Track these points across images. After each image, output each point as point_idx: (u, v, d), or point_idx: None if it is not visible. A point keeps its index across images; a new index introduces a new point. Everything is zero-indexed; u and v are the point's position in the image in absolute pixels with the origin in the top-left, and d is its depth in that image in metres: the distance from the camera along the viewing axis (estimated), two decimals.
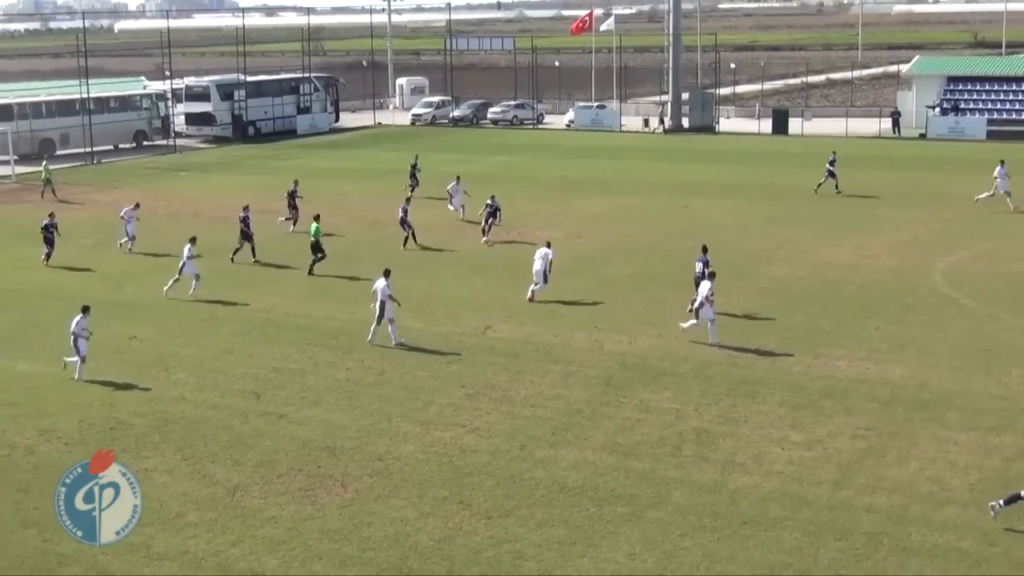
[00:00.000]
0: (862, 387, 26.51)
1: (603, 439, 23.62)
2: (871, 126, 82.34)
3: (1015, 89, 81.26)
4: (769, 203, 51.91)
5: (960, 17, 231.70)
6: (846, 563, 18.17)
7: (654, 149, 76.14)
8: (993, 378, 27.01)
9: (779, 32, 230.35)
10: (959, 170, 61.03)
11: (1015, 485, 20.82)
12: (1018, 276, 37.15)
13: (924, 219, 47.31)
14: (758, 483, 21.27)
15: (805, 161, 66.03)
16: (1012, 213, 47.79)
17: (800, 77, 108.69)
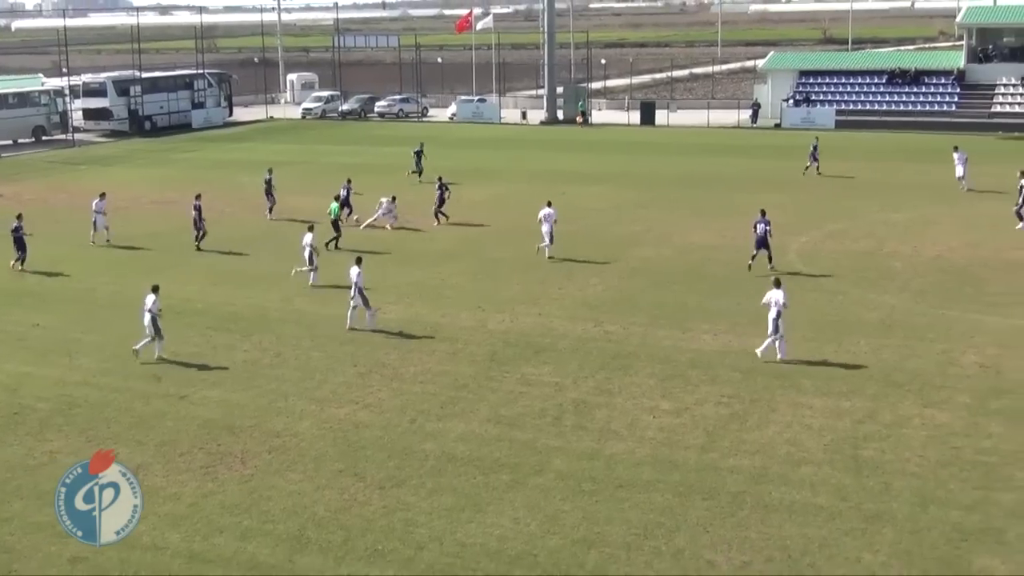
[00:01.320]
0: (726, 358, 26.97)
1: (488, 412, 23.69)
2: (731, 117, 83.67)
3: (861, 82, 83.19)
4: (638, 189, 52.47)
5: (811, 15, 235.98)
6: (713, 521, 18.49)
7: (532, 140, 76.39)
8: (843, 348, 27.68)
9: (646, 30, 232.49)
10: (794, 154, 62.25)
11: (864, 445, 21.43)
12: (864, 254, 38.10)
13: (779, 202, 48.11)
14: (632, 449, 21.53)
15: (671, 150, 66.94)
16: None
17: (666, 72, 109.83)
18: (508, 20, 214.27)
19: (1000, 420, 22.65)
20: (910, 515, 18.57)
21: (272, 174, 48.07)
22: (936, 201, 47.63)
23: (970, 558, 17.17)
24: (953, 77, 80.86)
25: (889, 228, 42.19)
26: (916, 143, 67.68)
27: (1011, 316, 30.24)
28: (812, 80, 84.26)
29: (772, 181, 54.15)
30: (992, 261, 36.58)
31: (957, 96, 79.72)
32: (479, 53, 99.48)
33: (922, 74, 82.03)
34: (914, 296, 32.52)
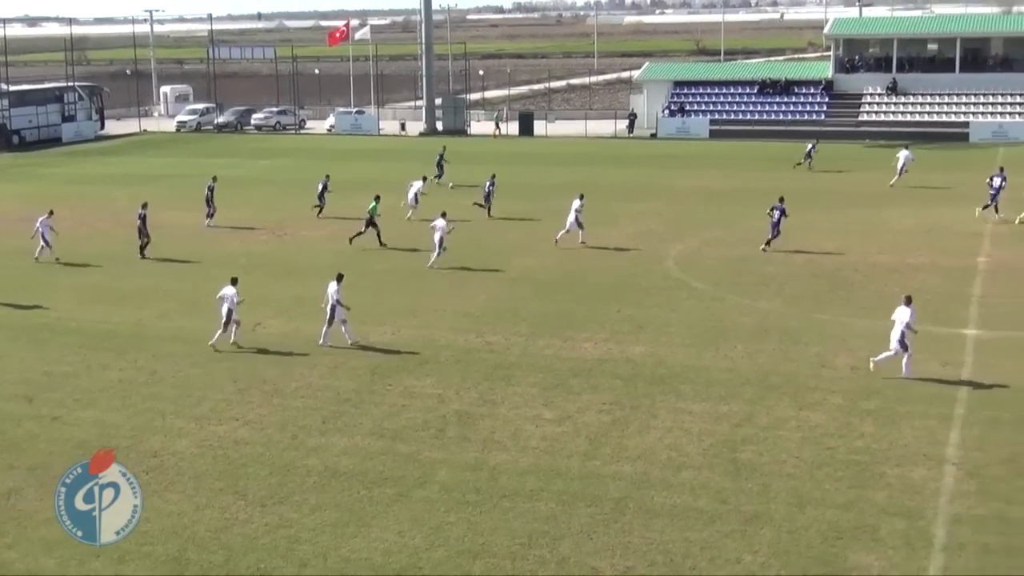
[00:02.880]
0: (606, 366, 27.23)
1: (371, 425, 23.54)
2: (608, 127, 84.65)
3: (734, 92, 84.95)
4: (517, 200, 52.64)
5: (684, 27, 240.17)
6: (596, 528, 18.63)
7: (410, 151, 76.21)
8: (721, 352, 28.17)
9: (523, 41, 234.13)
10: (686, 166, 63.42)
11: (742, 448, 21.82)
12: (739, 260, 38.84)
13: (657, 211, 48.90)
14: (515, 459, 21.59)
15: (550, 160, 67.42)
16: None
17: (543, 83, 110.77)
18: (386, 31, 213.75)
19: (871, 420, 23.27)
20: (788, 515, 18.96)
21: (215, 181, 47.66)
22: (807, 207, 48.70)
23: (845, 555, 17.59)
24: (822, 87, 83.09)
25: (763, 235, 43.00)
26: (787, 152, 69.18)
27: (880, 318, 30.99)
28: (686, 90, 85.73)
29: (650, 190, 54.90)
30: (861, 265, 37.60)
31: (826, 105, 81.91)
32: (357, 64, 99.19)
33: (792, 84, 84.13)
34: (788, 301, 33.24)
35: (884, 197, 50.00)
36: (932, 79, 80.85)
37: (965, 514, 18.88)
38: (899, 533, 18.23)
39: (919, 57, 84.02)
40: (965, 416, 23.42)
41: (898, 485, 20.08)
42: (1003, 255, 38.80)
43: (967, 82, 79.77)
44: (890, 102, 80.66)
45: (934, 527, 18.45)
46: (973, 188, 53.10)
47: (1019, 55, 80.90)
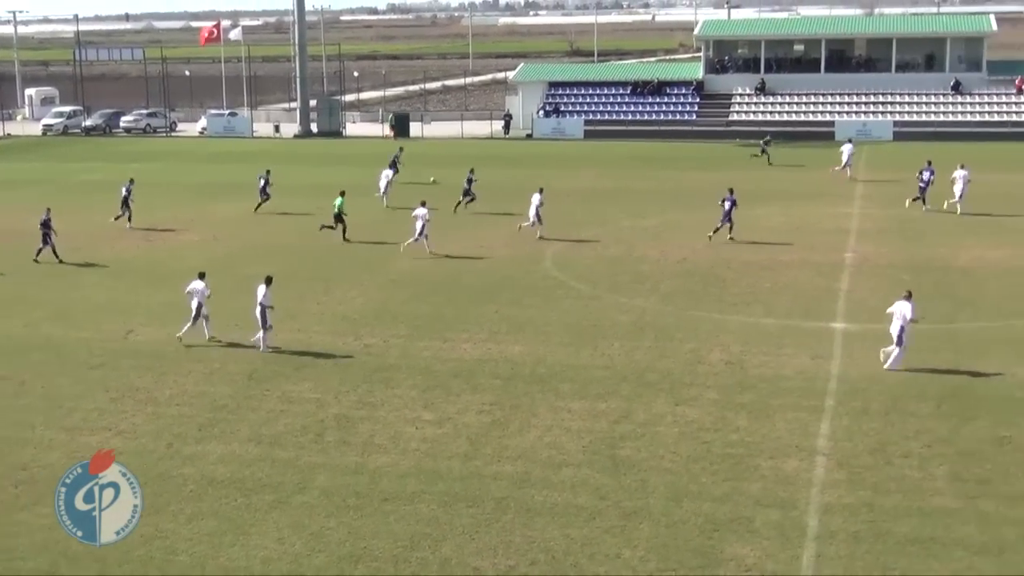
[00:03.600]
0: (486, 366, 27.29)
1: (248, 432, 23.21)
2: (484, 128, 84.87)
3: (607, 93, 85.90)
4: (392, 200, 52.42)
5: (558, 28, 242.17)
6: (478, 528, 18.66)
7: (286, 153, 75.42)
8: (599, 351, 28.45)
9: (398, 42, 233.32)
10: (562, 166, 63.88)
11: (621, 444, 22.07)
12: (616, 260, 39.28)
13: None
14: (396, 461, 21.50)
15: (427, 161, 67.18)
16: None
17: (419, 84, 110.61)
18: (258, 32, 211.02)
19: (745, 414, 23.74)
20: (665, 510, 19.23)
21: (133, 184, 47.14)
22: (680, 207, 49.58)
23: (722, 547, 17.91)
24: (693, 87, 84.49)
25: (638, 234, 43.64)
26: (660, 151, 70.28)
27: (752, 315, 31.77)
28: (561, 91, 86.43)
29: (526, 190, 55.01)
30: (733, 263, 38.33)
31: (697, 105, 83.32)
32: (229, 66, 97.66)
33: (664, 85, 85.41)
34: (663, 299, 33.72)
35: (755, 195, 50.89)
36: (799, 79, 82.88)
37: (836, 503, 19.38)
38: (773, 524, 18.64)
39: (786, 58, 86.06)
40: (835, 408, 24.04)
41: (772, 477, 20.52)
42: (868, 250, 39.93)
43: (832, 82, 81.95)
44: (759, 102, 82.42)
45: (807, 517, 18.91)
46: (838, 186, 54.60)
47: (881, 56, 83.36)
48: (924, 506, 19.20)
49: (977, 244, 40.50)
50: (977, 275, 35.94)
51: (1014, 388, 24.98)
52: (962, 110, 78.85)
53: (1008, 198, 50.15)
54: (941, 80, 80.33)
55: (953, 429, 22.65)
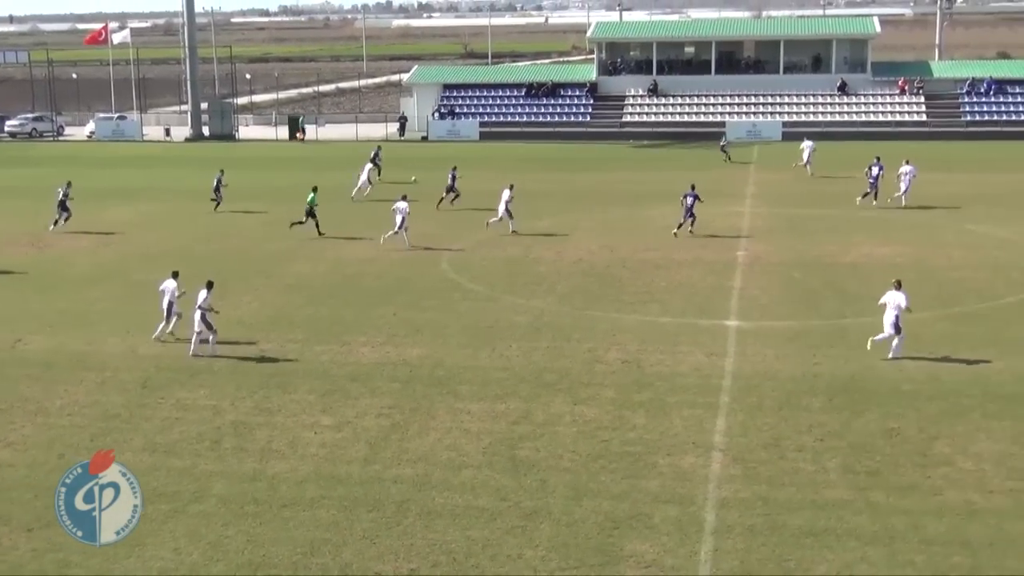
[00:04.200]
0: (384, 369, 27.15)
1: (142, 441, 22.77)
2: (379, 130, 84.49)
3: (502, 95, 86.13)
4: (288, 204, 51.95)
5: (452, 31, 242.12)
6: (379, 532, 18.55)
7: (177, 157, 74.27)
8: (497, 352, 28.49)
9: (291, 44, 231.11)
10: (458, 168, 63.70)
11: (520, 445, 22.12)
12: (512, 261, 39.39)
13: (430, 213, 49.04)
14: (295, 467, 21.29)
15: (321, 164, 66.81)
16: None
17: (312, 86, 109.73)
18: (147, 34, 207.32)
19: (643, 412, 23.98)
20: (565, 509, 19.33)
21: (70, 187, 46.38)
22: (576, 207, 49.90)
23: (622, 544, 18.05)
24: (586, 89, 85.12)
25: (534, 235, 43.77)
26: (555, 152, 70.66)
27: (648, 313, 32.10)
28: (456, 93, 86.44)
29: (423, 192, 54.97)
30: (629, 262, 38.71)
31: (591, 107, 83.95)
32: (118, 68, 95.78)
33: (558, 87, 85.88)
34: (560, 299, 33.91)
35: (648, 196, 51.45)
36: (690, 81, 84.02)
37: (732, 498, 19.67)
38: (672, 520, 18.84)
39: (677, 60, 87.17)
40: (730, 404, 24.40)
41: (670, 473, 20.75)
42: (759, 249, 40.61)
43: (722, 83, 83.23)
44: (651, 103, 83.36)
45: (704, 512, 19.16)
46: (729, 185, 55.43)
47: (770, 58, 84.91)
48: (817, 498, 19.58)
49: (865, 241, 41.45)
50: (865, 271, 36.78)
51: (901, 382, 25.61)
52: (848, 110, 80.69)
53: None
54: (827, 81, 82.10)
55: (844, 423, 23.14)
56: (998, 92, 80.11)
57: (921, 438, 22.21)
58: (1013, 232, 42.50)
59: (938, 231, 43.23)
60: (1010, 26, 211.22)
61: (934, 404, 24.09)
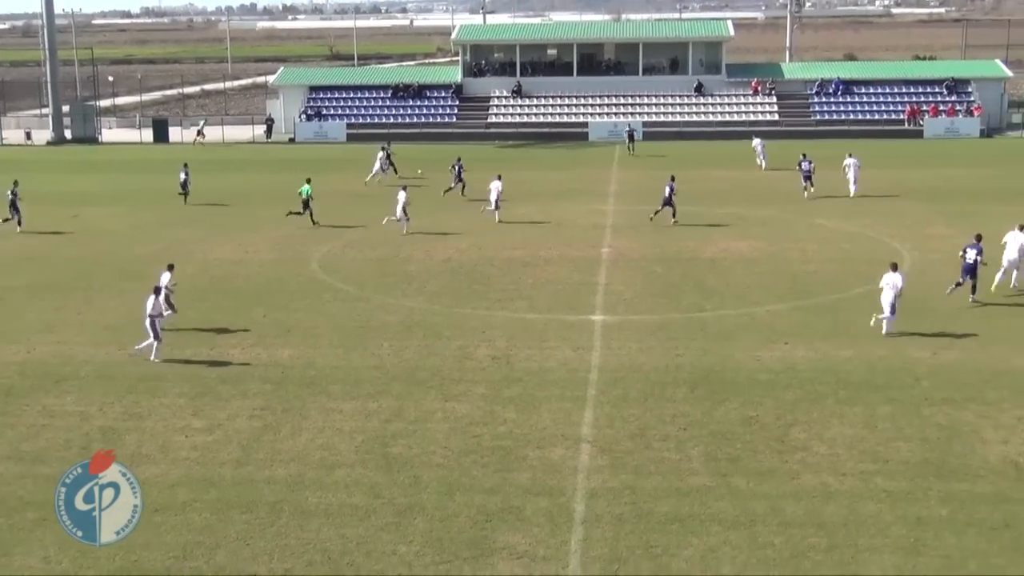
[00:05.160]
0: (255, 371, 26.79)
1: (7, 449, 22.06)
2: (246, 132, 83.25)
3: (369, 96, 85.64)
4: (156, 208, 50.97)
5: (317, 33, 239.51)
6: (252, 533, 18.31)
7: (38, 161, 72.08)
8: (368, 351, 28.35)
9: (154, 47, 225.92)
10: (325, 170, 63.20)
11: (393, 442, 22.07)
12: (381, 261, 39.22)
13: (297, 217, 48.49)
14: (166, 471, 20.88)
15: (192, 166, 65.42)
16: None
17: (177, 88, 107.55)
18: (5, 36, 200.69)
19: (513, 406, 24.12)
20: (439, 504, 19.35)
21: (17, 186, 45.76)
22: (443, 207, 49.88)
23: (495, 536, 18.15)
24: (452, 90, 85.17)
25: (402, 235, 43.64)
26: (422, 153, 70.44)
27: (516, 310, 32.30)
28: (322, 95, 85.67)
29: (291, 194, 54.35)
30: (496, 260, 38.88)
31: (456, 108, 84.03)
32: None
33: (424, 88, 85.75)
34: (430, 298, 33.89)
35: (514, 195, 51.66)
36: (552, 82, 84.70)
37: (600, 487, 19.93)
38: (543, 511, 19.01)
39: (540, 62, 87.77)
40: (596, 396, 24.71)
41: (540, 466, 20.92)
42: (622, 245, 41.17)
43: (584, 85, 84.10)
44: (516, 104, 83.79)
45: (574, 502, 19.37)
46: (592, 184, 56.06)
47: (629, 60, 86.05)
48: (682, 486, 19.96)
49: (722, 237, 42.35)
50: (722, 266, 37.58)
51: (758, 371, 26.25)
52: (704, 110, 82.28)
53: (750, 193, 52.62)
54: (685, 82, 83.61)
55: (706, 412, 23.63)
56: (845, 92, 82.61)
57: (778, 425, 22.81)
58: (860, 226, 43.89)
59: (791, 226, 44.40)
60: (855, 29, 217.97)
61: (790, 392, 24.76)
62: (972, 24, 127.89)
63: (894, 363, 26.62)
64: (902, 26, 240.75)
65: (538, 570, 17.16)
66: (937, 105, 79.69)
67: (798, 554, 17.45)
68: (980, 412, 23.36)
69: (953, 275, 33.48)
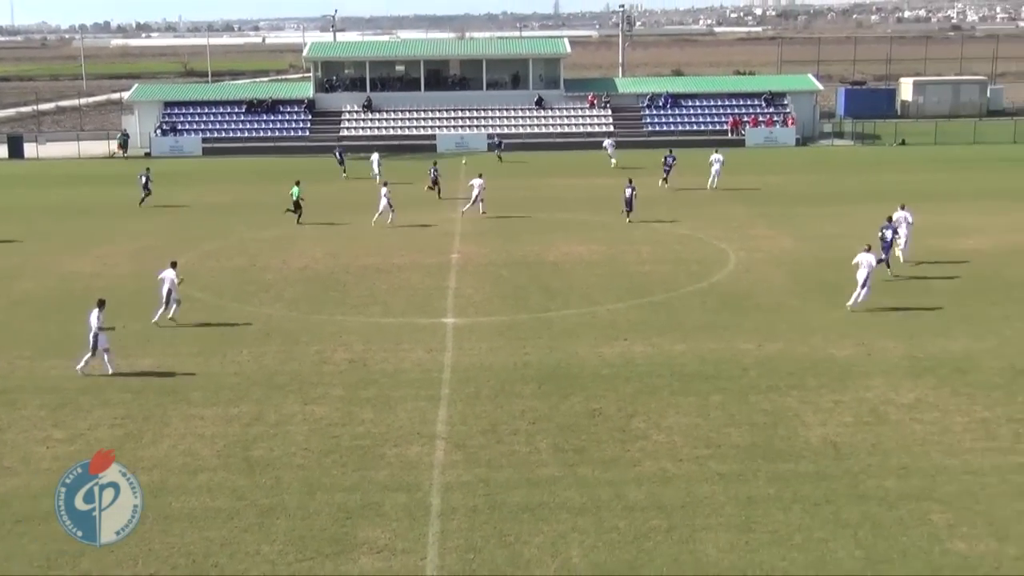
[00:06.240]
0: (116, 381, 25.96)
1: None
2: (102, 148, 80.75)
3: (223, 111, 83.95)
4: (12, 223, 48.98)
5: (171, 50, 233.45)
6: None
7: None
8: (228, 358, 27.77)
9: (7, 64, 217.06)
10: (182, 183, 61.77)
11: (254, 446, 21.68)
12: (240, 270, 38.49)
13: (155, 227, 47.31)
14: (27, 482, 20.09)
15: (43, 182, 63.28)
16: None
17: (31, 105, 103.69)
18: None
19: (370, 407, 23.95)
20: (300, 503, 19.08)
21: None
22: (293, 217, 49.22)
23: (355, 533, 17.99)
24: (305, 105, 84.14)
25: (259, 245, 42.96)
26: (275, 166, 69.51)
27: (371, 315, 32.07)
28: (178, 111, 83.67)
29: (147, 207, 52.98)
30: (351, 267, 38.54)
31: (309, 123, 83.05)
32: None
33: (277, 103, 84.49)
34: (287, 305, 33.39)
35: (366, 206, 51.26)
36: (401, 97, 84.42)
37: (455, 482, 19.93)
38: (401, 506, 18.92)
39: (389, 77, 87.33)
40: (450, 395, 24.71)
41: (397, 463, 20.82)
42: (471, 251, 41.27)
43: (431, 99, 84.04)
44: (366, 118, 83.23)
45: (430, 497, 19.33)
46: (443, 193, 56.00)
47: (474, 75, 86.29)
48: (532, 476, 20.10)
49: (565, 241, 42.81)
50: (565, 268, 38.00)
51: (601, 367, 26.62)
52: (545, 123, 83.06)
53: (589, 199, 53.34)
54: (526, 96, 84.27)
55: (553, 406, 23.86)
56: (674, 105, 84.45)
57: (620, 416, 23.18)
58: (690, 228, 44.91)
59: (627, 230, 45.16)
60: (682, 47, 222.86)
61: (630, 385, 25.19)
62: (786, 42, 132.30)
63: (723, 355, 27.33)
64: (724, 44, 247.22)
65: (397, 563, 17.08)
66: (757, 116, 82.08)
67: (641, 536, 17.76)
68: (801, 398, 24.16)
69: (775, 272, 34.65)
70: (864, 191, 55.26)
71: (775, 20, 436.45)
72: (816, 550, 17.27)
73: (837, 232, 43.03)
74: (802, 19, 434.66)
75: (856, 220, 44.03)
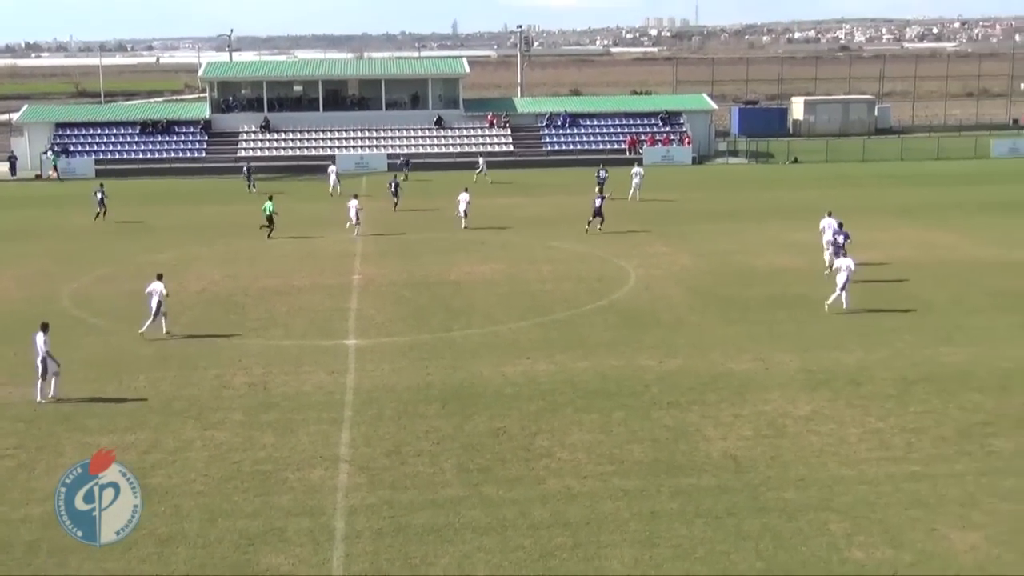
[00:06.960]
0: (7, 410, 25.15)
1: None
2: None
3: (117, 132, 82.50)
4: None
5: (62, 70, 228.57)
6: (10, 573, 17.22)
7: None
8: (124, 384, 27.15)
9: None
10: (75, 204, 60.34)
11: (152, 473, 21.17)
12: (135, 295, 37.44)
13: (46, 251, 46.16)
14: None
15: None
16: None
17: None
18: None
19: (271, 431, 23.60)
20: (201, 531, 18.70)
21: None
22: (195, 240, 48.47)
23: (258, 559, 17.68)
24: (201, 126, 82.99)
25: (155, 268, 42.00)
26: (172, 187, 68.39)
27: (271, 337, 31.66)
28: (70, 132, 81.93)
29: (38, 231, 51.68)
30: (251, 290, 38.02)
31: (206, 143, 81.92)
32: None
33: (173, 124, 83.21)
34: (185, 328, 32.76)
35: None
36: (299, 117, 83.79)
37: (359, 504, 19.74)
38: (305, 531, 18.67)
39: (287, 97, 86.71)
40: (353, 417, 24.49)
41: (300, 488, 20.54)
42: (372, 272, 41.02)
43: (330, 119, 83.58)
44: (264, 138, 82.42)
45: (334, 520, 19.11)
46: (340, 213, 55.57)
47: (373, 95, 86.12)
48: (436, 497, 20.01)
49: (466, 261, 42.82)
50: (467, 288, 38.00)
51: (504, 386, 26.65)
52: (445, 142, 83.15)
53: (494, 217, 53.43)
54: (426, 116, 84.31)
55: (457, 426, 23.79)
56: (572, 124, 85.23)
57: (524, 434, 23.21)
58: (590, 247, 45.29)
59: (528, 249, 45.36)
60: (579, 67, 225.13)
61: (534, 403, 25.25)
62: (681, 62, 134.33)
63: (625, 372, 27.57)
64: (620, 64, 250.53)
65: None
66: (654, 135, 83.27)
67: (546, 554, 17.78)
68: (702, 413, 24.48)
69: (674, 289, 35.14)
70: (758, 208, 56.41)
71: (670, 41, 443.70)
72: (719, 563, 17.48)
73: (733, 248, 43.82)
74: (696, 40, 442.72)
75: (751, 237, 44.92)
